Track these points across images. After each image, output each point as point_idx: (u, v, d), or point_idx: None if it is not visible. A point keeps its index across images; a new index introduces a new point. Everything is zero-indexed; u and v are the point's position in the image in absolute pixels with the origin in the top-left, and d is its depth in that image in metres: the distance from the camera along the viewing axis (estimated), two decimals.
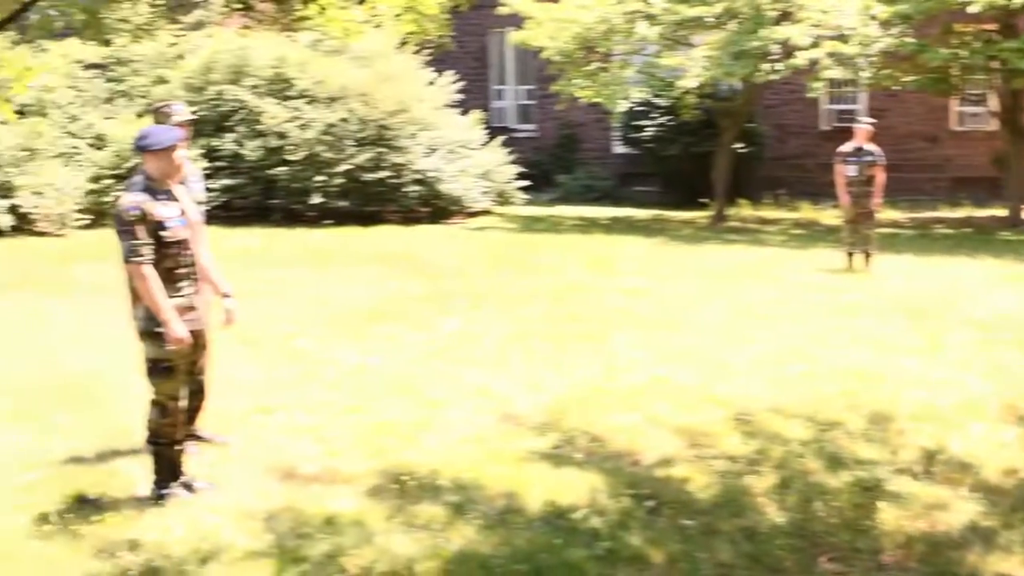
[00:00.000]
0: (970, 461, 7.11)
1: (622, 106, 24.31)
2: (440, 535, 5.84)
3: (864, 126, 16.09)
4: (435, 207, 23.24)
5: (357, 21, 15.89)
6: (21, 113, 20.50)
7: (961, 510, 6.30)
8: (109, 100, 23.41)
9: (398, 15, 21.41)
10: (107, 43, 22.42)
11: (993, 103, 24.52)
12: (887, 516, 6.18)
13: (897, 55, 22.11)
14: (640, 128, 27.17)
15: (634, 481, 6.67)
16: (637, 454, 7.24)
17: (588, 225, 22.74)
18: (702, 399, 8.45)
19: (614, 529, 5.92)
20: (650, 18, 22.60)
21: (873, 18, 21.26)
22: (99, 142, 21.86)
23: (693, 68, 21.78)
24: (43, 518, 6.05)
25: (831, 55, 20.87)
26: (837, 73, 21.67)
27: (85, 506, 6.23)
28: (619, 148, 29.66)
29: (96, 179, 21.01)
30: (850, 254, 15.97)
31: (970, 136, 28.80)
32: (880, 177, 15.87)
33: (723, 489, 6.58)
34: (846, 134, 17.22)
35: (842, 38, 20.96)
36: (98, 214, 20.44)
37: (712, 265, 16.39)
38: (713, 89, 23.30)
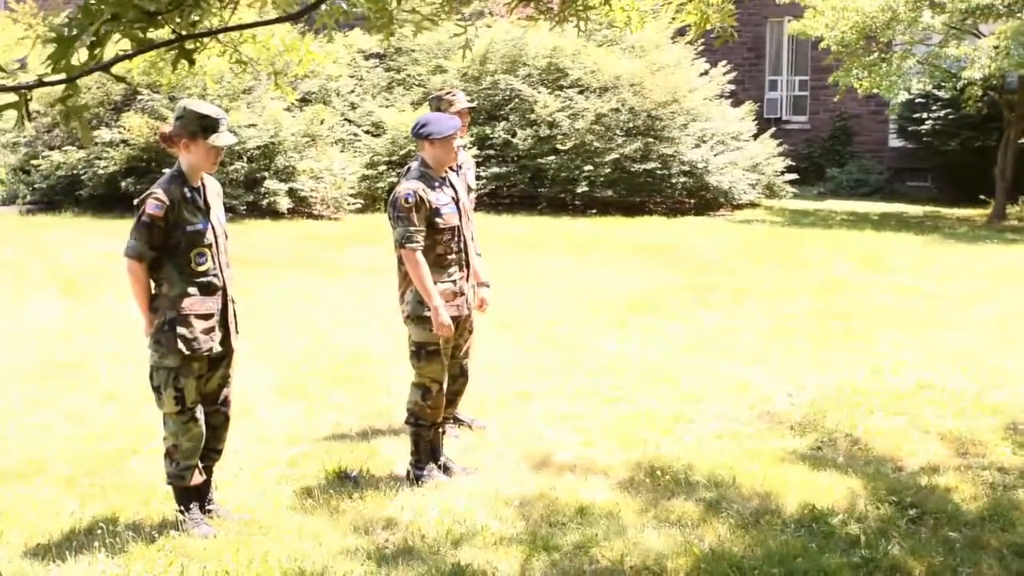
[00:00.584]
0: None
1: (901, 97, 23.58)
2: (692, 532, 5.78)
3: None
4: (701, 199, 23.08)
5: (641, 10, 15.87)
6: (306, 101, 21.38)
7: None
8: (387, 88, 24.18)
9: (683, 3, 21.26)
10: (392, 34, 23.10)
11: None
12: None
13: None
14: (919, 121, 26.29)
15: (896, 488, 6.44)
16: (900, 460, 7.00)
17: (858, 220, 22.14)
18: (972, 405, 8.09)
19: (873, 537, 5.72)
20: (936, 6, 21.79)
21: None
22: (376, 129, 22.59)
23: (980, 58, 20.89)
24: (306, 492, 6.29)
25: None
26: None
27: (346, 482, 6.44)
28: (894, 141, 28.78)
29: (371, 165, 21.73)
30: None
31: None
32: None
33: (991, 502, 6.28)
34: None
35: None
36: (371, 199, 21.15)
37: (988, 265, 15.70)
38: (1000, 80, 22.28)
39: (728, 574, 5.26)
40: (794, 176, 25.35)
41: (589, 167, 22.04)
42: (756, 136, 24.85)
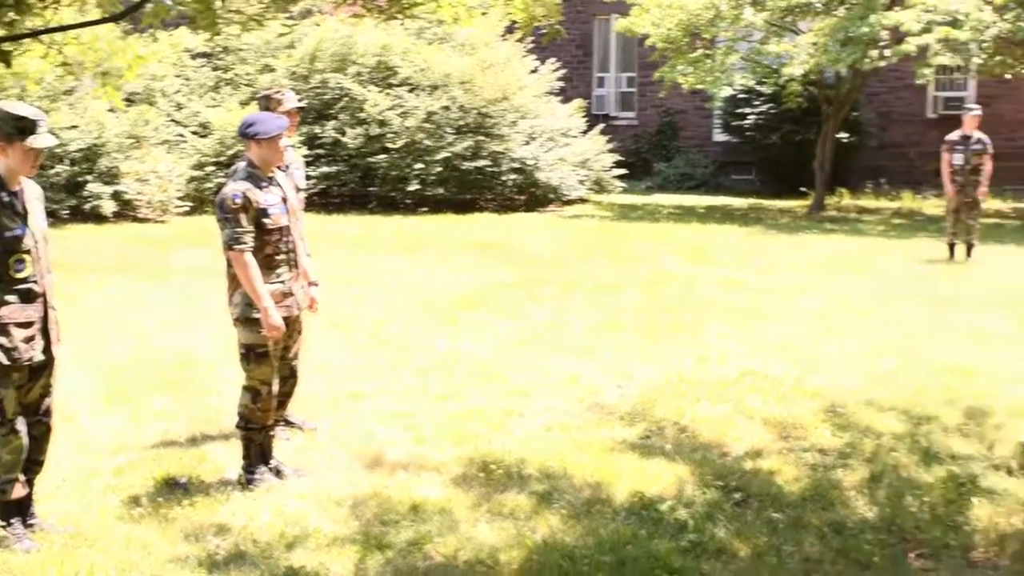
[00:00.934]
0: None
1: (724, 93, 24.16)
2: (525, 524, 5.85)
3: (972, 114, 15.79)
4: (531, 195, 23.30)
5: (468, 7, 15.82)
6: (130, 101, 20.90)
7: None
8: (215, 88, 23.79)
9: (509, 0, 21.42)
10: (218, 33, 22.79)
11: None
12: (980, 512, 6.06)
13: (1012, 41, 21.60)
14: (742, 115, 26.96)
15: (722, 473, 6.62)
16: (726, 445, 7.18)
17: (684, 214, 22.62)
18: (794, 391, 8.35)
19: (700, 521, 5.87)
20: (757, 4, 22.40)
21: (988, 3, 20.82)
22: (203, 130, 22.22)
23: (799, 55, 21.55)
24: (134, 501, 6.16)
25: (942, 41, 20.45)
26: (947, 60, 21.25)
27: (175, 489, 6.32)
28: (719, 136, 29.47)
29: (199, 166, 21.37)
30: (952, 244, 15.71)
31: None
32: (987, 166, 15.59)
33: (812, 482, 6.50)
34: (953, 122, 16.93)
35: (954, 23, 20.52)
36: (199, 201, 20.80)
37: (809, 255, 16.20)
38: (818, 76, 23.01)
39: (560, 564, 5.33)
40: (623, 171, 25.76)
41: (420, 165, 22.05)
42: (585, 132, 25.19)
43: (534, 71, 24.66)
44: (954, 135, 15.72)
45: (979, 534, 5.81)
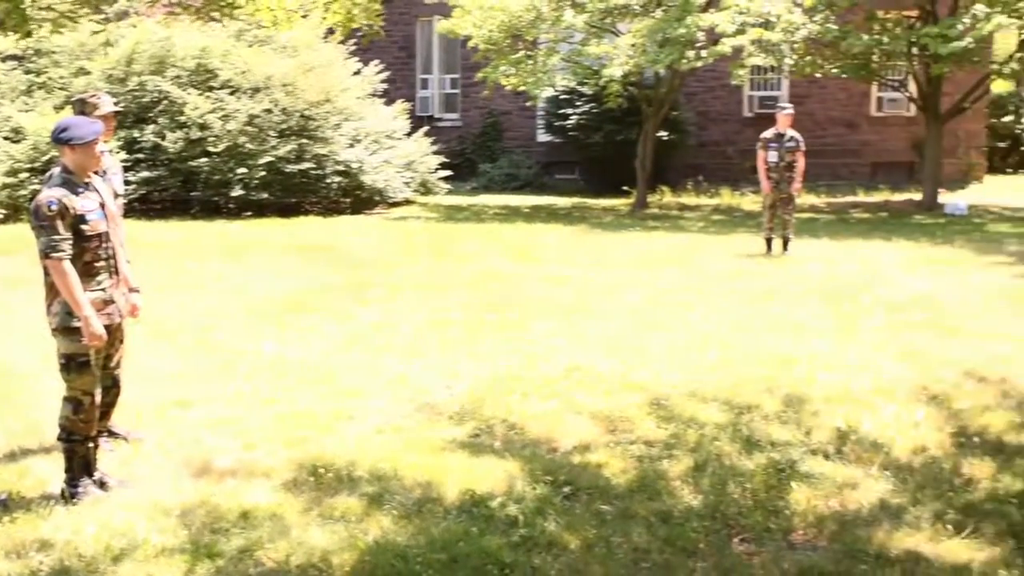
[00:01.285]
0: (881, 441, 7.25)
1: (547, 94, 24.42)
2: (357, 527, 5.84)
3: (785, 112, 16.27)
4: (357, 198, 23.20)
5: (287, 9, 15.67)
6: None
7: (871, 489, 6.43)
8: (27, 92, 23.03)
9: (328, 2, 21.28)
10: (28, 34, 22.12)
11: (912, 89, 24.95)
12: (799, 496, 6.29)
13: (820, 42, 22.45)
14: (564, 116, 27.29)
15: (551, 468, 6.71)
16: (554, 441, 7.28)
17: (509, 214, 22.81)
18: (620, 385, 8.50)
19: (531, 516, 5.95)
20: (577, 6, 22.72)
21: (798, 5, 21.56)
22: (16, 135, 21.49)
23: (619, 56, 21.91)
24: None
25: (756, 42, 21.09)
26: (761, 60, 21.97)
27: None
28: (543, 136, 29.77)
29: (12, 173, 20.65)
30: (769, 239, 16.18)
31: (888, 121, 29.34)
32: (800, 163, 16.07)
33: (639, 474, 6.65)
34: (767, 120, 17.44)
35: (767, 25, 21.20)
36: (13, 208, 20.12)
37: (632, 252, 16.51)
38: (638, 77, 23.45)
39: (392, 564, 5.35)
40: (448, 173, 25.85)
41: (243, 169, 21.71)
42: (409, 134, 25.19)
43: (357, 73, 24.54)
44: (769, 133, 16.18)
45: (798, 517, 6.03)
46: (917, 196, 24.89)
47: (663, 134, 25.57)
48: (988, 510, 6.13)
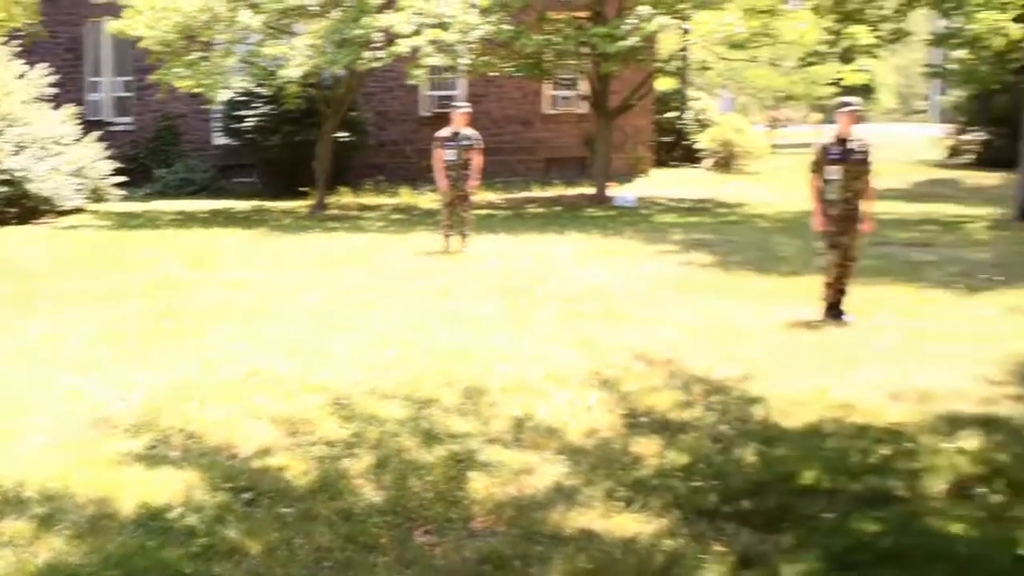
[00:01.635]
0: (556, 426, 7.52)
1: (223, 96, 24.00)
2: (26, 550, 5.57)
3: (461, 111, 16.55)
4: (23, 207, 22.06)
5: None
6: None
7: (547, 472, 6.66)
8: None
9: None
10: None
11: (584, 87, 25.91)
12: (478, 485, 6.44)
13: (495, 42, 22.97)
14: (241, 118, 26.89)
15: (231, 474, 6.61)
16: (234, 447, 7.17)
17: (186, 219, 22.31)
18: (300, 387, 8.45)
19: (210, 524, 5.85)
20: (253, 7, 22.40)
21: (473, 6, 21.97)
22: None
23: (296, 57, 21.75)
24: None
25: (432, 42, 21.38)
26: (437, 60, 22.27)
27: None
28: (219, 139, 29.26)
29: None
30: (447, 236, 16.44)
31: (561, 119, 30.38)
32: (477, 160, 16.38)
33: (321, 474, 6.64)
34: (445, 119, 17.68)
35: (443, 26, 21.51)
36: None
37: (312, 254, 16.46)
38: (316, 78, 23.34)
39: None
40: (122, 179, 25.00)
41: None
42: (79, 139, 24.22)
43: (22, 76, 23.41)
44: (445, 132, 16.43)
45: (478, 505, 6.17)
46: (589, 190, 25.83)
47: (342, 135, 25.56)
48: (655, 485, 6.46)
